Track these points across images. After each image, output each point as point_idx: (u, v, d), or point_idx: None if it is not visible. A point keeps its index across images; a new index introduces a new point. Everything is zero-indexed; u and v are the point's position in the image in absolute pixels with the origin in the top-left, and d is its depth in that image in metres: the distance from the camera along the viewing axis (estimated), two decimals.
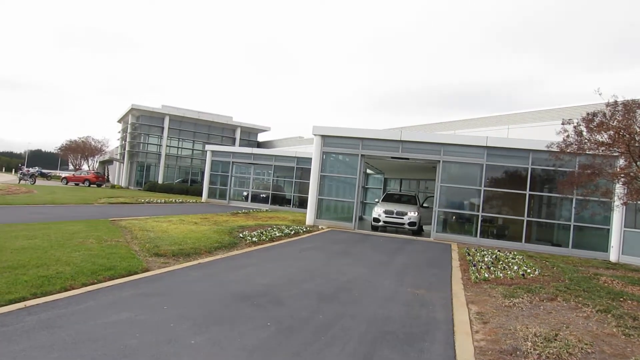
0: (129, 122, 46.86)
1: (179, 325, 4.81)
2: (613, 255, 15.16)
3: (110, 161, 63.71)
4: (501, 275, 9.34)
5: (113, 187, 45.56)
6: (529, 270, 10.01)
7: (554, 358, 4.62)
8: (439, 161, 17.61)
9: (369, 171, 29.07)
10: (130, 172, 47.43)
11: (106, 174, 60.66)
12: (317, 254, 10.98)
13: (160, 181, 44.00)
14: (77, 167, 60.45)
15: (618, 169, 9.14)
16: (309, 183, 19.93)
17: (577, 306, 7.07)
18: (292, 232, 14.57)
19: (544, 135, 15.80)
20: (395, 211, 18.43)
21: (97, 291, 5.95)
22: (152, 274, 7.29)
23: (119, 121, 53.14)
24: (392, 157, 18.52)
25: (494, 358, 4.55)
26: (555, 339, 5.17)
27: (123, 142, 50.22)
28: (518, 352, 4.73)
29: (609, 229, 15.55)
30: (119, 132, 53.95)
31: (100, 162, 64.43)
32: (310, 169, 19.93)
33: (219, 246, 10.52)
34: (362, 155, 18.56)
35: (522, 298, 7.36)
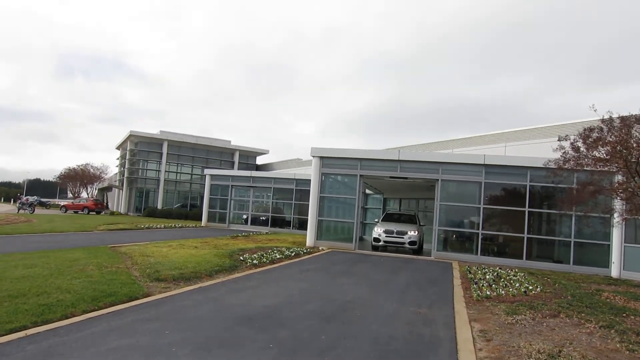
0: (128, 149, 47.05)
1: (181, 350, 4.79)
2: (614, 271, 15.12)
3: (109, 188, 63.74)
4: (503, 292, 9.31)
5: (112, 213, 45.46)
6: (530, 287, 9.99)
7: None
8: (438, 180, 17.68)
9: (368, 191, 29.12)
10: (129, 198, 47.41)
11: (105, 201, 60.62)
12: (318, 275, 10.95)
13: (159, 206, 43.93)
14: (76, 194, 60.45)
15: (616, 185, 9.20)
16: (308, 205, 19.94)
17: (580, 322, 7.05)
18: (293, 254, 14.54)
19: (542, 152, 15.91)
20: (395, 231, 18.42)
21: (98, 318, 5.93)
22: (153, 299, 7.27)
23: (118, 148, 53.36)
24: (391, 177, 18.61)
25: None
26: (559, 356, 5.15)
27: (122, 168, 50.34)
28: None
29: (609, 245, 15.53)
30: (118, 158, 54.12)
31: (99, 189, 64.46)
32: (309, 190, 19.96)
33: (220, 269, 10.50)
34: (360, 175, 18.64)
35: (525, 315, 7.33)
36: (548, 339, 5.95)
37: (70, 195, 69.63)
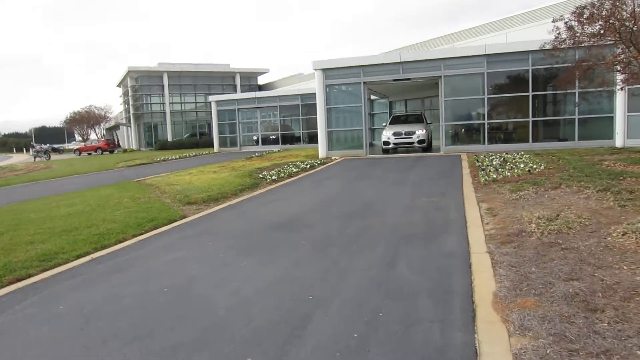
0: (129, 85, 46.95)
1: (227, 255, 5.54)
2: (618, 141, 15.64)
3: (117, 126, 64.24)
4: (509, 174, 9.95)
5: (125, 151, 46.39)
6: (535, 167, 10.60)
7: (555, 233, 5.28)
8: (441, 77, 17.81)
9: (372, 97, 29.22)
10: (139, 134, 48.11)
11: (116, 140, 61.36)
12: (335, 182, 11.65)
13: (169, 139, 44.63)
14: (85, 137, 61.07)
15: (612, 57, 9.43)
16: (315, 119, 20.33)
17: (579, 190, 7.69)
18: (308, 167, 15.23)
19: (542, 34, 15.83)
20: (403, 132, 18.87)
21: (148, 239, 6.70)
22: (190, 219, 8.03)
23: (119, 85, 53.14)
24: (394, 80, 18.78)
25: (502, 240, 5.24)
26: (557, 219, 5.82)
27: (126, 105, 50.51)
28: (523, 233, 5.41)
29: (612, 117, 15.91)
30: (120, 96, 54.15)
31: (106, 129, 64.94)
32: (314, 104, 20.25)
33: (243, 188, 11.23)
34: (364, 82, 18.81)
35: (528, 190, 7.99)
36: (548, 207, 6.62)
37: (78, 138, 70.39)
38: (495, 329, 3.22)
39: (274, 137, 32.10)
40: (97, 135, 60.82)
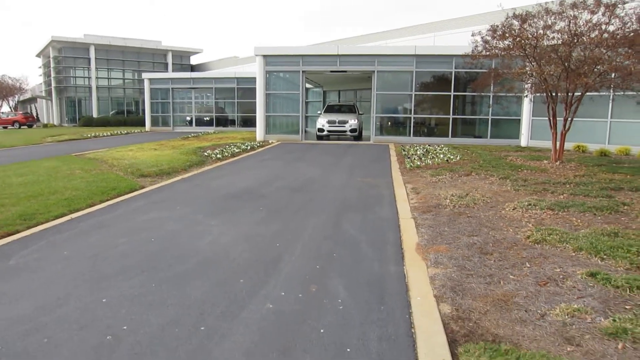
0: (51, 56, 44.59)
1: (196, 216, 6.44)
2: (523, 141, 17.90)
3: (33, 99, 60.59)
4: (430, 162, 11.51)
5: (45, 126, 44.21)
6: (452, 157, 12.25)
7: (464, 206, 6.71)
8: (374, 71, 19.27)
9: (308, 85, 30.31)
10: (60, 109, 46.03)
11: (36, 113, 57.93)
12: (276, 162, 12.68)
13: (95, 115, 43.15)
14: None
15: (518, 69, 11.19)
16: (251, 102, 21.20)
17: (485, 177, 9.30)
18: (249, 148, 16.11)
19: (467, 40, 17.72)
20: (337, 120, 20.17)
21: (117, 204, 7.40)
22: (150, 189, 8.75)
23: (38, 55, 50.22)
24: (331, 71, 19.99)
25: (423, 210, 6.58)
26: (466, 197, 7.28)
27: (47, 77, 48.01)
28: (440, 206, 6.79)
29: (519, 120, 18.17)
30: (40, 67, 51.24)
31: (20, 101, 61.09)
32: (251, 88, 21.10)
33: (191, 164, 11.96)
34: (303, 71, 19.87)
35: (445, 175, 9.51)
36: (460, 189, 8.10)
37: None
38: (417, 263, 4.48)
39: (207, 118, 32.31)
40: (9, 107, 57.10)
